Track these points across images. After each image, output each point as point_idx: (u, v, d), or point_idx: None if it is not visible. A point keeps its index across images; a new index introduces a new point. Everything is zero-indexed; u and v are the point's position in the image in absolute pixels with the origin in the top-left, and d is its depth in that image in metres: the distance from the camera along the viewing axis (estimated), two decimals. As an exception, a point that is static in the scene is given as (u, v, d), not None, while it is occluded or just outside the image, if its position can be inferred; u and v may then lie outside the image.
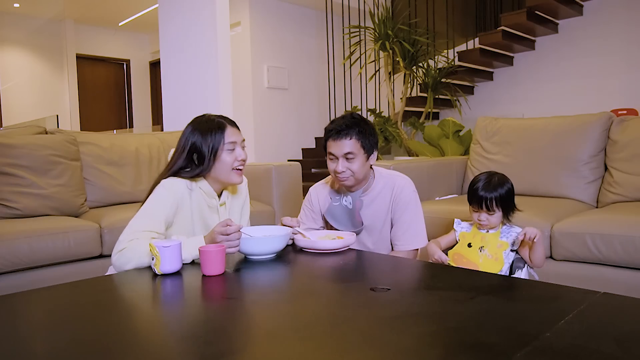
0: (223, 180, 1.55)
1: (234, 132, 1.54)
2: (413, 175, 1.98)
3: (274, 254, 1.48)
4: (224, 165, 1.51)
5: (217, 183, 1.57)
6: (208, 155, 1.49)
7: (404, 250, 1.78)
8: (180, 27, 3.98)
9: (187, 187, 1.51)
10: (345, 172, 1.70)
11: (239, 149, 1.54)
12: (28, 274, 2.01)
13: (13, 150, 2.34)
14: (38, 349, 0.87)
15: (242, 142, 1.56)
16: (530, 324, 0.90)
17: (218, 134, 1.50)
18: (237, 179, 1.55)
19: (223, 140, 1.50)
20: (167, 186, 1.48)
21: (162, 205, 1.46)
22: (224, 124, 1.53)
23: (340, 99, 5.91)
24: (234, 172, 1.53)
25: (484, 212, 1.67)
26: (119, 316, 1.05)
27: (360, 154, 1.69)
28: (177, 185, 1.49)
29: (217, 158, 1.50)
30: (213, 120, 1.54)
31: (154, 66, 8.12)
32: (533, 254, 1.62)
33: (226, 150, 1.50)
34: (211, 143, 1.49)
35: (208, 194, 1.56)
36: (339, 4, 5.59)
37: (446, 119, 4.45)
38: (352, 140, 1.68)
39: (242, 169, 1.56)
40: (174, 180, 1.49)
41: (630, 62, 4.43)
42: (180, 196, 1.49)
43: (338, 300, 1.12)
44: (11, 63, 7.05)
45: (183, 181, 1.50)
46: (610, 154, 2.43)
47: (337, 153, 1.69)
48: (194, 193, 1.53)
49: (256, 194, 2.85)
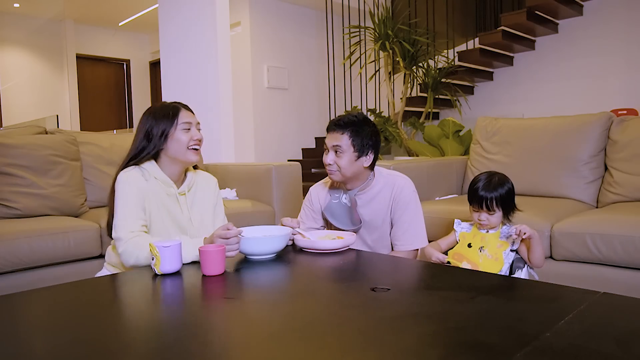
0: (180, 159, 1.60)
1: (188, 115, 1.62)
2: (413, 175, 1.98)
3: (274, 254, 1.48)
4: (179, 144, 1.57)
5: (175, 165, 1.62)
6: (160, 135, 1.57)
7: (404, 250, 1.78)
8: (180, 27, 3.98)
9: (142, 177, 1.57)
10: (332, 166, 1.73)
11: (194, 129, 1.61)
12: (28, 274, 2.01)
13: (13, 150, 2.34)
14: (38, 349, 0.87)
15: (197, 124, 1.63)
16: (530, 324, 0.90)
17: (171, 115, 1.58)
18: (193, 157, 1.60)
19: (177, 120, 1.58)
20: (124, 179, 1.54)
21: (132, 197, 1.52)
22: (178, 107, 1.62)
23: (340, 99, 5.91)
24: (190, 151, 1.59)
25: (484, 212, 1.67)
26: (119, 316, 1.05)
27: (350, 151, 1.71)
28: (132, 176, 1.55)
29: (171, 137, 1.57)
30: (167, 105, 1.63)
31: (154, 66, 8.12)
32: (531, 255, 1.62)
33: (181, 130, 1.58)
34: (164, 124, 1.57)
35: (164, 182, 1.60)
36: (339, 4, 5.59)
37: (446, 119, 4.45)
38: (344, 135, 1.71)
39: (198, 148, 1.62)
40: (128, 171, 1.56)
41: (630, 62, 4.43)
42: (140, 184, 1.55)
43: (338, 300, 1.12)
44: (11, 63, 7.04)
45: (137, 171, 1.57)
46: (610, 154, 2.43)
47: (328, 144, 1.74)
48: (150, 183, 1.58)
49: (256, 194, 2.85)
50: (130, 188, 1.52)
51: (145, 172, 1.58)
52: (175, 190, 1.63)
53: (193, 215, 1.66)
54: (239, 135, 5.07)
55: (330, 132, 1.74)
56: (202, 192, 1.72)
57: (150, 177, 1.58)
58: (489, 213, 1.66)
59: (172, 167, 1.62)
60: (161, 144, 1.57)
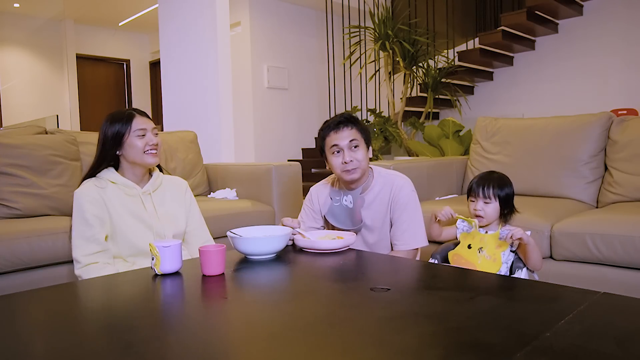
0: (139, 162, 1.68)
1: (143, 121, 1.69)
2: (413, 175, 1.98)
3: (274, 254, 1.48)
4: (135, 149, 1.65)
5: (135, 168, 1.70)
6: (114, 139, 1.65)
7: (403, 250, 1.78)
8: (180, 27, 3.98)
9: (96, 187, 1.65)
10: (353, 162, 1.72)
11: (149, 135, 1.68)
12: (28, 274, 2.01)
13: (13, 150, 2.34)
14: (38, 349, 0.87)
15: (152, 129, 1.70)
16: (530, 324, 0.90)
17: (126, 122, 1.66)
18: (151, 160, 1.68)
19: (130, 127, 1.65)
20: (77, 196, 1.64)
21: (86, 215, 1.61)
22: (133, 114, 1.69)
23: (340, 99, 5.91)
24: (146, 155, 1.67)
25: (480, 201, 1.67)
26: (118, 316, 1.05)
27: (362, 143, 1.74)
28: (85, 191, 1.63)
29: (126, 143, 1.65)
30: (123, 111, 1.70)
31: (154, 66, 8.12)
32: (528, 260, 1.61)
33: (135, 137, 1.65)
34: (118, 130, 1.65)
35: (124, 184, 1.68)
36: (339, 4, 5.59)
37: (446, 119, 4.45)
38: (354, 129, 1.74)
39: (155, 152, 1.69)
40: (81, 188, 1.65)
41: (630, 62, 4.43)
42: (93, 196, 1.63)
43: (338, 300, 1.12)
44: (11, 63, 7.04)
45: (89, 184, 1.65)
46: (610, 154, 2.43)
47: (342, 143, 1.72)
48: (107, 190, 1.66)
49: (256, 194, 2.85)
50: (83, 204, 1.61)
51: (101, 180, 1.67)
52: (139, 190, 1.71)
53: (160, 213, 1.73)
54: (239, 135, 5.07)
55: (337, 132, 1.73)
56: (170, 192, 1.81)
57: (107, 184, 1.66)
58: (484, 201, 1.66)
59: (134, 170, 1.71)
60: (117, 149, 1.66)
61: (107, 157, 1.68)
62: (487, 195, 1.66)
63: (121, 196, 1.67)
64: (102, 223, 1.63)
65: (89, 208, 1.61)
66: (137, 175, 1.72)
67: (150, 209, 1.71)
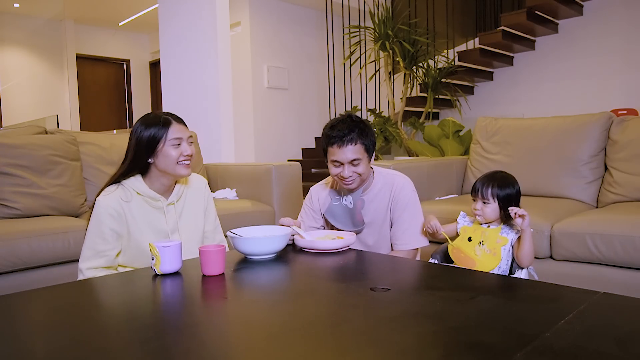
0: (170, 173, 1.57)
1: (179, 129, 1.57)
2: (413, 175, 1.98)
3: (274, 254, 1.48)
4: (169, 159, 1.54)
5: (164, 178, 1.60)
6: (148, 147, 1.53)
7: (403, 250, 1.78)
8: (180, 27, 3.98)
9: (121, 201, 1.55)
10: (352, 176, 1.70)
11: (185, 145, 1.57)
12: (28, 274, 2.01)
13: (13, 150, 2.34)
14: (37, 349, 0.87)
15: (188, 138, 1.59)
16: (530, 324, 0.90)
17: (162, 128, 1.54)
18: (184, 171, 1.58)
19: (166, 135, 1.54)
20: (101, 206, 1.53)
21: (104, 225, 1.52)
22: (169, 120, 1.56)
23: (340, 99, 5.91)
24: (180, 166, 1.56)
25: (479, 201, 1.67)
26: (118, 316, 1.05)
27: (365, 157, 1.70)
28: (109, 203, 1.53)
29: (160, 152, 1.54)
30: (159, 116, 1.57)
31: (154, 66, 8.11)
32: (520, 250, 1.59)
33: (171, 146, 1.54)
34: (153, 137, 1.53)
35: (150, 197, 1.58)
36: (339, 4, 5.59)
37: (446, 119, 4.45)
38: (357, 145, 1.67)
39: (188, 163, 1.59)
40: (105, 199, 1.54)
41: (630, 62, 4.43)
42: (117, 208, 1.54)
43: (338, 300, 1.12)
44: (11, 63, 7.04)
45: (115, 197, 1.55)
46: (610, 154, 2.43)
47: (343, 160, 1.67)
48: (132, 203, 1.56)
49: (256, 194, 2.85)
50: (103, 216, 1.52)
51: (126, 191, 1.56)
52: (164, 202, 1.61)
53: (181, 223, 1.65)
54: (239, 135, 5.07)
55: (340, 147, 1.67)
56: (191, 197, 1.72)
57: (132, 197, 1.56)
58: (483, 202, 1.66)
59: (162, 179, 1.60)
60: (149, 157, 1.54)
61: (138, 165, 1.56)
62: (485, 196, 1.66)
63: (144, 208, 1.58)
64: (118, 238, 1.55)
65: (109, 222, 1.52)
66: (164, 185, 1.61)
67: (172, 222, 1.63)
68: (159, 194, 1.61)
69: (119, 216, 1.53)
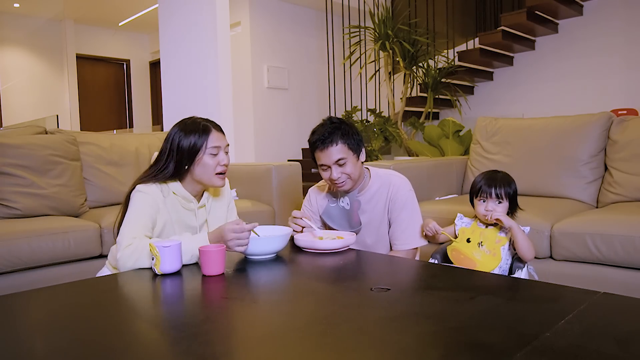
0: (205, 183, 1.55)
1: (218, 137, 1.54)
2: (413, 175, 1.98)
3: (274, 254, 1.48)
4: (206, 168, 1.51)
5: (197, 185, 1.57)
6: (188, 156, 1.49)
7: (403, 249, 1.78)
8: (180, 27, 3.98)
9: (160, 193, 1.52)
10: (341, 177, 1.70)
11: (222, 154, 1.54)
12: (28, 274, 2.01)
13: (13, 150, 2.34)
14: (38, 349, 0.87)
15: (225, 147, 1.56)
16: (530, 324, 0.90)
17: (202, 136, 1.50)
18: (219, 182, 1.55)
19: (206, 143, 1.50)
20: (142, 189, 1.49)
21: (146, 210, 1.47)
22: (209, 128, 1.53)
23: (340, 99, 5.91)
24: (216, 177, 1.53)
25: (491, 201, 1.66)
26: (119, 316, 1.05)
27: (350, 155, 1.69)
28: (150, 193, 1.50)
29: (198, 161, 1.50)
30: (199, 123, 1.53)
31: (154, 66, 8.12)
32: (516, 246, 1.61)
33: (209, 154, 1.51)
34: (193, 145, 1.49)
35: (184, 197, 1.56)
36: (339, 4, 5.59)
37: (446, 119, 4.45)
38: (339, 145, 1.67)
39: (224, 174, 1.56)
40: (145, 188, 1.50)
41: (630, 62, 4.43)
42: (157, 200, 1.51)
43: (338, 300, 1.12)
44: (11, 63, 7.05)
45: (156, 187, 1.52)
46: (610, 154, 2.43)
47: (328, 162, 1.68)
48: (168, 199, 1.54)
49: (256, 194, 2.85)
50: (146, 200, 1.48)
51: (164, 188, 1.53)
52: (195, 205, 1.60)
53: (211, 224, 1.64)
54: (239, 135, 5.07)
55: (323, 150, 1.68)
56: (219, 200, 1.71)
57: (169, 193, 1.54)
58: (498, 201, 1.66)
59: (195, 185, 1.57)
60: (188, 164, 1.50)
61: (179, 172, 1.52)
62: (499, 195, 1.66)
63: (177, 207, 1.56)
64: (152, 226, 1.51)
65: (149, 211, 1.48)
66: (197, 190, 1.58)
67: (201, 222, 1.62)
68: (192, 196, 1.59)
69: (155, 207, 1.50)
